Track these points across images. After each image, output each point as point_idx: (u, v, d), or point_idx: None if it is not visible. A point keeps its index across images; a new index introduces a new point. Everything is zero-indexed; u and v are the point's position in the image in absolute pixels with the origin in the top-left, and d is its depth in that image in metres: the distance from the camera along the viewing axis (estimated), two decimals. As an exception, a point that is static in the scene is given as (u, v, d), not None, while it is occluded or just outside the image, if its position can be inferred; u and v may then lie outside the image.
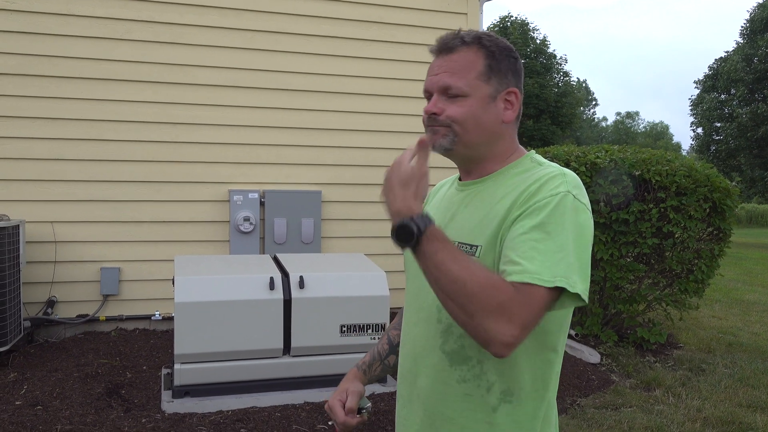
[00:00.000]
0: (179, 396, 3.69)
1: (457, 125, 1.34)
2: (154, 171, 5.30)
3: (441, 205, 1.49)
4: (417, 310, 1.42)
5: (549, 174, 1.29)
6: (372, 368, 1.66)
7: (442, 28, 5.95)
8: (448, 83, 1.34)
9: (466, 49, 1.35)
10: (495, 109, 1.36)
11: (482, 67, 1.34)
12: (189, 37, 5.32)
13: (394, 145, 5.89)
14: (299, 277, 3.84)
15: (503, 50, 1.37)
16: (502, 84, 1.36)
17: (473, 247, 1.30)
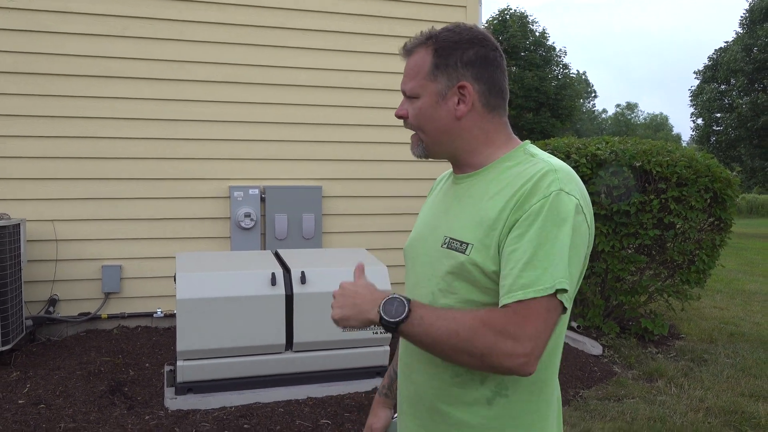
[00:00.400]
0: (182, 393, 3.69)
1: (419, 129, 1.38)
2: (154, 168, 5.29)
3: (437, 199, 1.49)
4: None
5: (540, 171, 1.25)
6: (393, 389, 1.66)
7: (442, 21, 5.94)
8: (403, 87, 1.39)
9: (419, 50, 1.37)
10: (446, 106, 1.34)
11: (428, 65, 1.35)
12: (187, 34, 5.31)
13: (394, 139, 5.88)
14: (301, 272, 3.84)
15: (453, 43, 1.33)
16: (451, 79, 1.33)
17: (464, 244, 1.29)
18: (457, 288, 1.30)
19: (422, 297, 1.37)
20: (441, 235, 1.36)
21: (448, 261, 1.31)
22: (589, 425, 3.65)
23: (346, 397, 3.83)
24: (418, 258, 1.43)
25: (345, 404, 3.74)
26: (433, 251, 1.37)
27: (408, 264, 1.49)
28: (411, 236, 1.51)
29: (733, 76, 22.41)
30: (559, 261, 1.17)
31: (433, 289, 1.34)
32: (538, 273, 1.16)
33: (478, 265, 1.26)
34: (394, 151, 5.89)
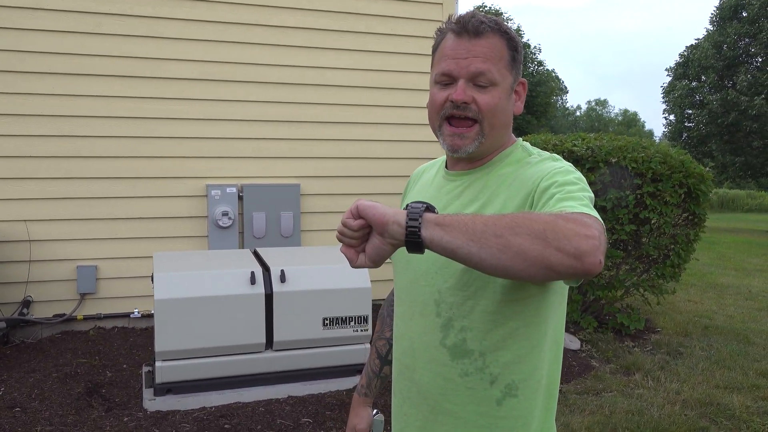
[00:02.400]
0: (161, 393, 3.65)
1: (486, 120, 1.27)
2: (129, 167, 5.22)
3: (427, 194, 1.44)
4: (411, 302, 1.38)
5: (546, 169, 1.25)
6: (371, 387, 1.66)
7: (419, 18, 5.95)
8: (482, 69, 1.25)
9: (492, 36, 1.27)
10: (511, 100, 1.32)
11: (508, 56, 1.29)
12: (161, 31, 5.24)
13: (373, 136, 5.87)
14: (280, 271, 3.82)
15: (518, 42, 1.33)
16: (518, 75, 1.33)
17: None
18: (466, 284, 1.26)
19: (425, 294, 1.33)
20: None
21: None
22: (569, 419, 3.69)
23: (326, 396, 3.82)
24: (414, 256, 1.33)
25: (326, 402, 3.73)
26: None
27: (400, 262, 1.43)
28: None
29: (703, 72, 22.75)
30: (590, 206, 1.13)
31: (439, 287, 1.30)
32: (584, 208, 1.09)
33: None
34: (373, 148, 5.89)
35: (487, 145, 1.31)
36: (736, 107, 20.17)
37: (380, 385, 1.66)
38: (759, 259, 11.38)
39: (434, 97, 1.31)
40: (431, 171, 1.52)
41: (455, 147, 1.29)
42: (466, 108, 1.26)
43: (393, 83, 5.92)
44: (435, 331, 1.32)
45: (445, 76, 1.28)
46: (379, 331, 1.66)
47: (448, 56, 1.28)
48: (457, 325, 1.29)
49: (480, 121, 1.27)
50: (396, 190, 5.92)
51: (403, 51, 5.93)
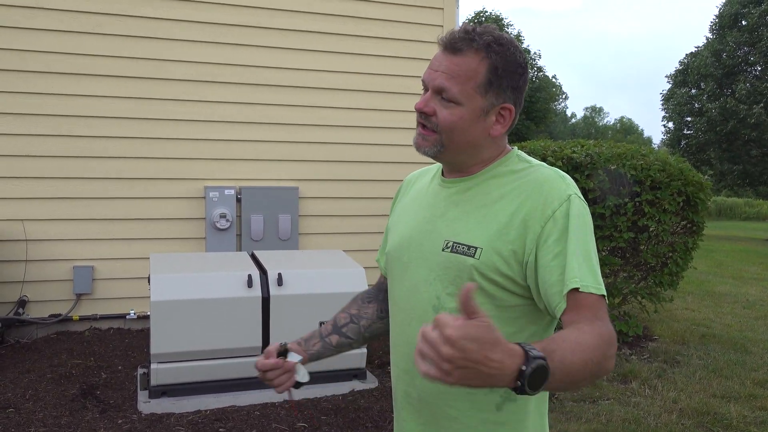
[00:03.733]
0: (156, 396, 3.63)
1: (444, 134, 1.30)
2: (128, 167, 5.21)
3: (423, 201, 1.44)
4: (409, 309, 1.38)
5: (548, 177, 1.29)
6: (309, 343, 1.57)
7: (419, 23, 5.95)
8: (444, 86, 1.28)
9: (472, 55, 1.27)
10: (485, 123, 1.31)
11: (482, 78, 1.27)
12: (162, 32, 5.23)
13: (371, 140, 5.86)
14: (277, 274, 3.81)
15: (510, 65, 1.29)
16: (498, 99, 1.30)
17: (471, 248, 1.27)
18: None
19: (424, 301, 1.34)
20: (440, 239, 1.33)
21: (455, 265, 1.29)
22: (566, 427, 3.68)
23: (322, 400, 3.81)
24: (411, 263, 1.38)
25: (322, 407, 3.71)
26: (432, 255, 1.34)
27: (397, 269, 1.43)
28: (396, 240, 1.46)
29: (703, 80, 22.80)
30: (596, 271, 1.22)
31: (438, 293, 1.31)
32: (591, 277, 1.20)
33: (487, 268, 1.26)
34: (371, 152, 5.88)
35: (451, 155, 1.33)
36: (735, 115, 20.21)
37: (319, 348, 1.57)
38: (757, 267, 11.38)
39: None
40: (425, 178, 1.52)
41: (417, 145, 1.34)
42: (427, 118, 1.31)
43: (392, 87, 5.91)
44: None
45: (423, 83, 1.35)
46: (345, 308, 1.63)
47: (429, 66, 1.34)
48: None
49: (439, 133, 1.30)
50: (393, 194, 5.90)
51: (403, 55, 5.93)
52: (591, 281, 1.19)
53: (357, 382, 4.01)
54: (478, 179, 1.36)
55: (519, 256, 1.24)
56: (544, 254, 1.22)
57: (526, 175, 1.31)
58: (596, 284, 1.20)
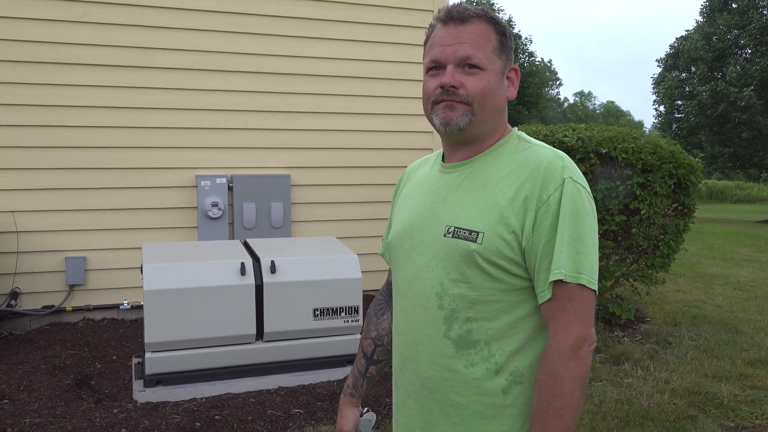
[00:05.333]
0: (151, 385, 3.64)
1: (476, 102, 1.29)
2: (118, 157, 5.18)
3: (424, 188, 1.44)
4: (412, 295, 1.38)
5: (546, 158, 1.28)
6: (358, 387, 1.64)
7: (409, 8, 5.93)
8: (469, 54, 1.28)
9: (478, 22, 1.31)
10: (503, 86, 1.34)
11: (496, 42, 1.31)
12: (151, 19, 5.19)
13: (363, 127, 5.85)
14: (270, 261, 3.81)
15: (506, 29, 1.35)
16: (508, 60, 1.35)
17: (473, 233, 1.27)
18: (469, 276, 1.28)
19: (426, 288, 1.34)
20: (442, 224, 1.32)
21: (457, 250, 1.28)
22: (559, 408, 3.70)
23: (317, 386, 3.82)
24: (414, 249, 1.38)
25: (316, 393, 3.73)
26: (433, 241, 1.33)
27: (399, 256, 1.43)
28: (397, 228, 1.46)
29: (693, 64, 22.82)
30: (589, 259, 1.23)
31: (441, 279, 1.31)
32: (574, 265, 1.22)
33: (490, 252, 1.25)
34: (363, 139, 5.87)
35: (479, 126, 1.32)
36: (726, 98, 20.26)
37: (367, 385, 1.65)
38: (747, 249, 11.46)
39: (426, 85, 1.35)
40: (425, 167, 1.51)
41: (446, 119, 1.30)
42: (454, 93, 1.29)
43: (384, 73, 5.89)
44: (437, 323, 1.32)
45: (434, 63, 1.32)
46: (365, 331, 1.66)
47: (436, 44, 1.32)
48: (461, 316, 1.30)
49: (470, 104, 1.29)
50: (386, 180, 5.91)
51: (394, 41, 5.90)
52: (572, 270, 1.21)
53: (351, 367, 4.02)
54: (479, 162, 1.35)
55: (519, 238, 1.25)
56: (535, 240, 1.24)
57: (525, 157, 1.31)
58: (577, 273, 1.21)
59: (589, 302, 1.23)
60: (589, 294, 1.23)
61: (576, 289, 1.22)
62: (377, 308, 1.65)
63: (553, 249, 1.22)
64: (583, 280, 1.22)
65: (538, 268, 1.24)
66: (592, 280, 1.23)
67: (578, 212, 1.24)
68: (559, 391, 1.20)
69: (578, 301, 1.22)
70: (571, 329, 1.21)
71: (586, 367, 1.22)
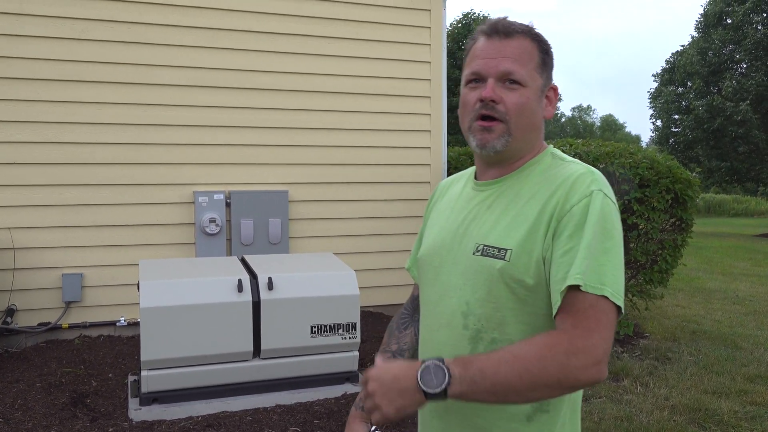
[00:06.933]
0: (147, 403, 3.61)
1: (513, 120, 1.27)
2: (116, 174, 5.17)
3: (456, 206, 1.42)
4: (438, 314, 1.36)
5: (576, 172, 1.26)
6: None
7: (407, 25, 5.96)
8: (512, 69, 1.27)
9: (523, 38, 1.29)
10: (542, 103, 1.33)
11: (538, 59, 1.30)
12: (150, 36, 5.21)
13: (361, 143, 5.86)
14: (268, 278, 3.79)
15: (549, 47, 1.34)
16: (549, 79, 1.33)
17: (502, 250, 1.25)
18: (496, 296, 1.25)
19: (453, 307, 1.32)
20: (472, 242, 1.31)
21: (485, 268, 1.26)
22: (558, 426, 3.68)
23: (315, 404, 3.80)
24: (442, 267, 1.36)
25: (314, 411, 3.70)
26: (462, 259, 1.31)
27: (428, 273, 1.42)
28: (428, 244, 1.44)
29: (689, 78, 22.95)
30: (615, 273, 1.16)
31: (467, 299, 1.29)
32: (596, 276, 1.14)
33: (518, 270, 1.22)
34: (361, 154, 5.87)
35: (514, 145, 1.30)
36: (722, 113, 20.35)
37: None
38: (745, 263, 11.46)
39: (465, 98, 1.32)
40: (458, 184, 1.49)
41: (483, 141, 1.29)
42: (493, 108, 1.27)
43: (383, 89, 5.91)
44: (463, 343, 1.30)
45: (475, 76, 1.30)
46: (385, 344, 1.61)
47: (478, 56, 1.30)
48: (486, 337, 1.27)
49: (506, 122, 1.27)
50: (385, 196, 5.91)
51: (392, 57, 5.93)
52: (595, 281, 1.13)
53: (349, 385, 4.00)
54: (511, 180, 1.33)
55: (543, 252, 1.21)
56: (555, 249, 1.19)
57: (556, 172, 1.29)
58: (600, 284, 1.13)
59: (612, 318, 1.13)
60: (612, 310, 1.14)
61: (599, 300, 1.13)
62: (400, 322, 1.62)
63: (573, 259, 1.15)
64: (607, 292, 1.13)
65: (554, 279, 1.18)
66: (617, 294, 1.13)
67: (606, 225, 1.19)
68: (528, 367, 1.09)
69: (601, 312, 1.13)
70: (576, 332, 1.11)
71: (570, 378, 1.10)
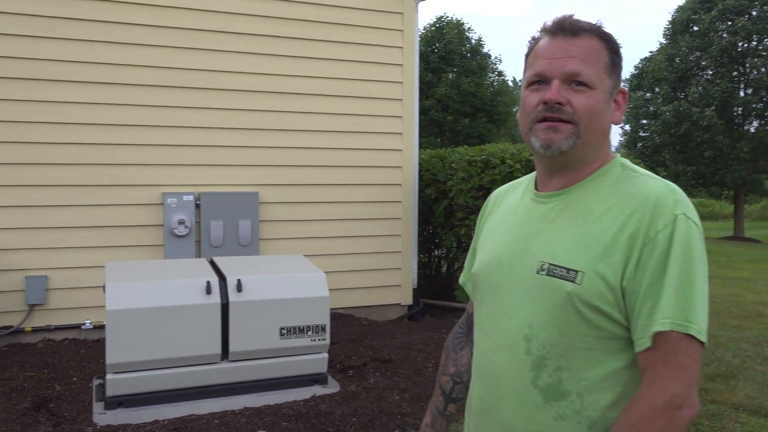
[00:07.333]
0: (112, 407, 3.56)
1: (582, 122, 1.18)
2: (83, 174, 5.10)
3: (514, 218, 1.32)
4: (497, 336, 1.27)
5: (656, 190, 1.16)
6: (436, 426, 1.54)
7: (379, 28, 5.98)
8: (579, 70, 1.18)
9: (590, 36, 1.21)
10: (610, 107, 1.23)
11: (607, 59, 1.21)
12: (118, 36, 5.14)
13: (333, 145, 5.86)
14: (237, 280, 3.77)
15: (618, 47, 1.25)
16: (618, 82, 1.25)
17: (571, 271, 1.16)
18: (563, 320, 1.17)
19: (514, 329, 1.23)
20: (535, 260, 1.21)
21: (552, 290, 1.18)
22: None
23: (283, 406, 3.78)
24: (501, 285, 1.27)
25: (282, 413, 3.69)
26: (524, 278, 1.23)
27: (484, 291, 1.33)
28: (484, 260, 1.35)
29: (657, 84, 23.39)
30: (700, 307, 1.10)
31: (531, 321, 1.20)
32: (683, 312, 1.09)
33: (590, 295, 1.14)
34: (332, 156, 5.87)
35: (582, 150, 1.21)
36: (688, 118, 20.76)
37: (446, 423, 1.53)
38: (710, 265, 11.68)
39: (526, 100, 1.24)
40: (515, 194, 1.39)
41: (548, 141, 1.19)
42: (559, 110, 1.18)
43: (354, 92, 5.92)
44: (524, 369, 1.21)
45: (538, 77, 1.22)
46: (443, 366, 1.55)
47: (541, 56, 1.22)
48: (551, 363, 1.19)
49: (576, 123, 1.19)
50: (355, 198, 5.91)
51: (364, 60, 5.94)
52: (681, 318, 1.08)
53: (318, 387, 4.00)
54: (577, 192, 1.24)
55: (621, 279, 1.13)
56: (638, 280, 1.12)
57: (631, 188, 1.19)
58: (686, 321, 1.08)
59: (696, 357, 1.09)
60: (697, 347, 1.09)
61: (683, 339, 1.08)
62: (455, 342, 1.54)
63: (659, 293, 1.10)
64: (693, 330, 1.08)
65: (638, 312, 1.11)
66: (702, 330, 1.09)
67: (691, 254, 1.11)
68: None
69: (684, 354, 1.08)
70: (670, 384, 1.07)
71: (675, 428, 1.07)
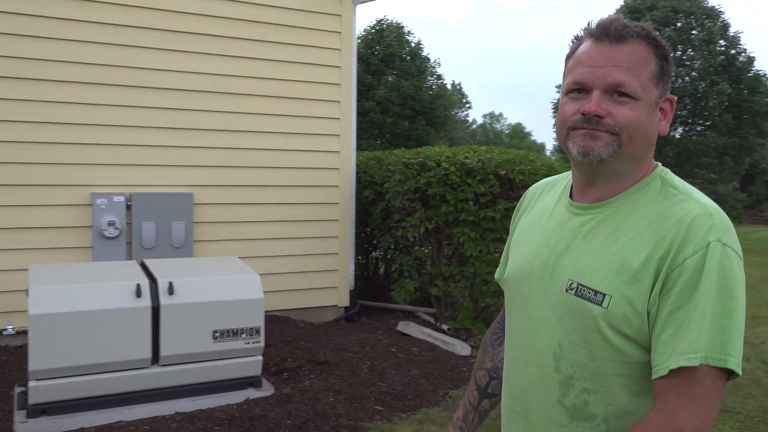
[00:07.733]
0: (35, 415, 3.43)
1: (625, 133, 1.12)
2: (6, 173, 4.88)
3: (548, 226, 1.27)
4: (525, 349, 1.25)
5: (691, 214, 1.10)
6: (468, 421, 1.51)
7: (317, 29, 5.97)
8: (622, 80, 1.11)
9: (638, 42, 1.13)
10: (656, 117, 1.16)
11: (655, 67, 1.14)
12: (48, 31, 4.95)
13: (269, 145, 5.81)
14: (168, 282, 3.69)
15: (668, 52, 1.17)
16: (665, 89, 1.17)
17: (599, 294, 1.12)
18: (591, 343, 1.13)
19: (544, 345, 1.20)
20: (564, 277, 1.18)
21: (580, 311, 1.14)
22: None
23: (216, 410, 3.73)
24: (532, 297, 1.24)
25: (215, 417, 3.63)
26: (553, 293, 1.20)
27: (515, 300, 1.30)
28: (516, 266, 1.32)
29: (590, 91, 24.31)
30: (733, 337, 1.04)
31: (560, 339, 1.18)
32: (720, 345, 1.03)
33: (617, 320, 1.10)
34: (268, 157, 5.82)
35: (622, 159, 1.14)
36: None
37: (479, 419, 1.51)
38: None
39: (563, 108, 1.17)
40: (551, 195, 1.35)
41: (586, 149, 1.13)
42: (598, 122, 1.12)
43: (290, 93, 5.89)
44: (553, 387, 1.19)
45: (578, 85, 1.15)
46: (480, 361, 1.52)
47: (582, 63, 1.14)
48: (578, 384, 1.16)
49: (618, 134, 1.12)
50: (291, 200, 5.88)
51: (301, 61, 5.92)
52: (717, 350, 1.03)
53: (252, 390, 3.96)
54: (613, 207, 1.18)
55: (647, 304, 1.09)
56: (662, 306, 1.07)
57: (668, 207, 1.13)
58: (723, 354, 1.03)
59: (714, 390, 1.03)
60: (718, 380, 1.03)
61: (706, 371, 1.02)
62: (494, 337, 1.52)
63: (684, 323, 1.04)
64: (732, 364, 1.03)
65: (657, 338, 1.07)
66: (739, 363, 1.04)
67: (727, 283, 1.05)
68: None
69: (698, 385, 1.03)
70: (680, 415, 1.02)
71: None
